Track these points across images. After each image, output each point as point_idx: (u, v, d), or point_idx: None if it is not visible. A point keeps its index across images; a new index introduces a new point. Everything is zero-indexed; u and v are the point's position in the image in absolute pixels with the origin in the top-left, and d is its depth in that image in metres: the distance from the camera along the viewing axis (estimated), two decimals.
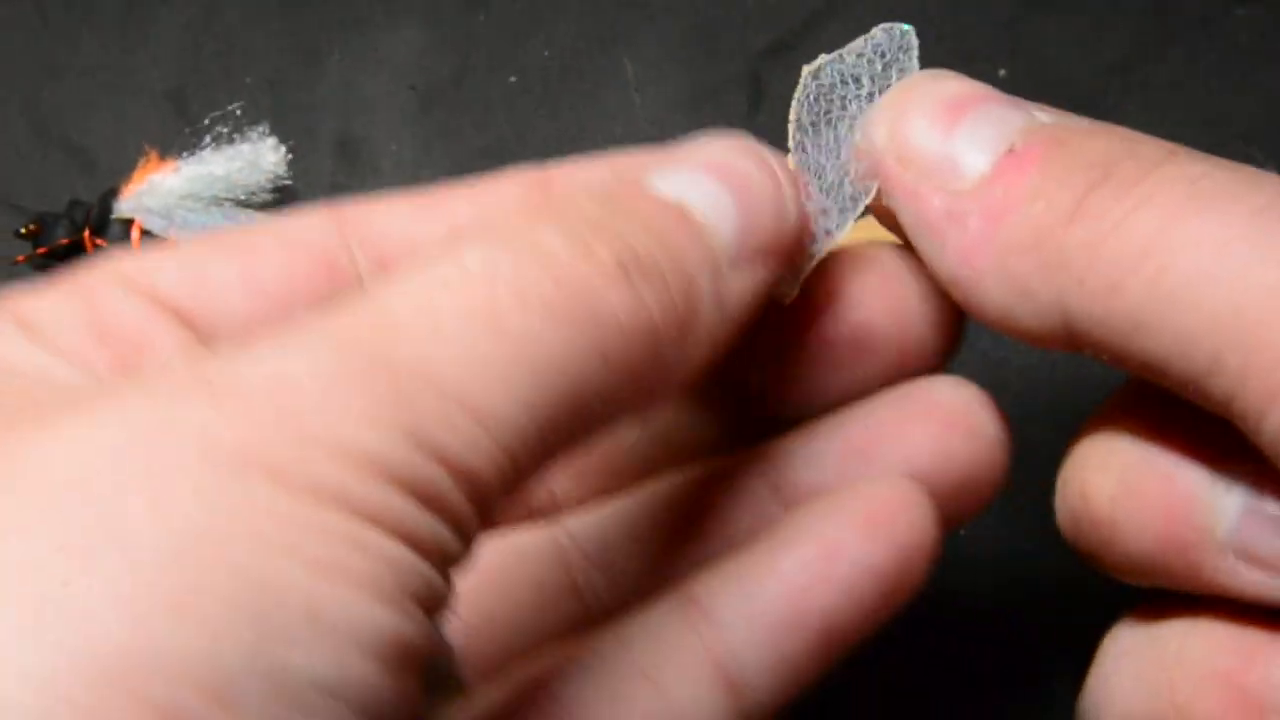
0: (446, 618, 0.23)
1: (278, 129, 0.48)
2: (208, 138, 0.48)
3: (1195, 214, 0.23)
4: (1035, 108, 0.27)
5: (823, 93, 0.29)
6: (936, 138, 0.26)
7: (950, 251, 0.26)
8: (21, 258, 0.47)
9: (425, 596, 0.21)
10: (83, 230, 0.46)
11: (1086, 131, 0.26)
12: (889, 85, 0.28)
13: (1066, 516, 0.27)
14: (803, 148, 0.29)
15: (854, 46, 0.28)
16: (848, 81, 0.29)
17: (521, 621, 0.31)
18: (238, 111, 0.48)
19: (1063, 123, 0.26)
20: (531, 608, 0.31)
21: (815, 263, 0.28)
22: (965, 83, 0.27)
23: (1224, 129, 0.44)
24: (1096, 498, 0.26)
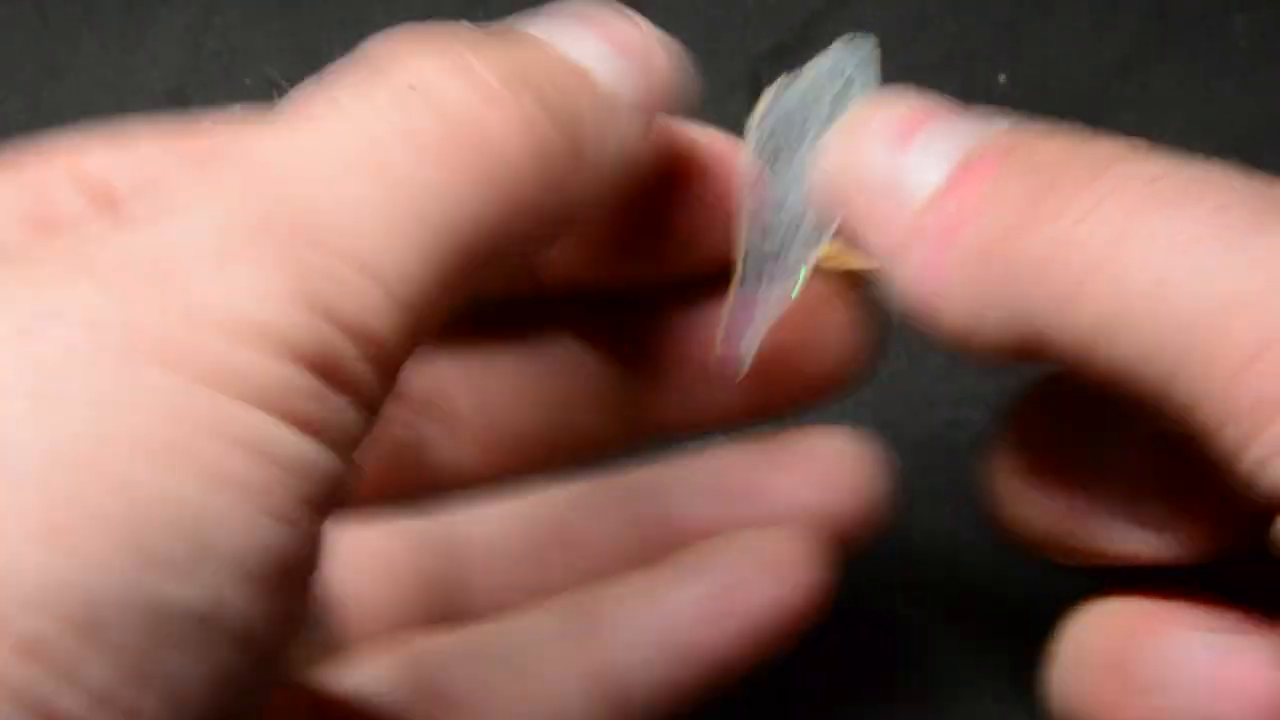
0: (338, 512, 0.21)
1: None
2: None
3: (1152, 214, 0.22)
4: (996, 118, 0.26)
5: (781, 119, 0.28)
6: (890, 158, 0.26)
7: (910, 272, 0.25)
8: None
9: (322, 497, 0.19)
10: None
11: (1041, 135, 0.25)
12: (849, 104, 0.27)
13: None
14: (763, 180, 0.28)
15: (813, 64, 0.28)
16: (808, 103, 0.28)
17: (397, 602, 0.30)
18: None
19: (1020, 129, 0.25)
20: (411, 589, 0.31)
21: (788, 305, 0.28)
22: (920, 100, 0.27)
23: (1224, 131, 0.44)
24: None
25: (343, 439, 0.20)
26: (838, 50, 0.28)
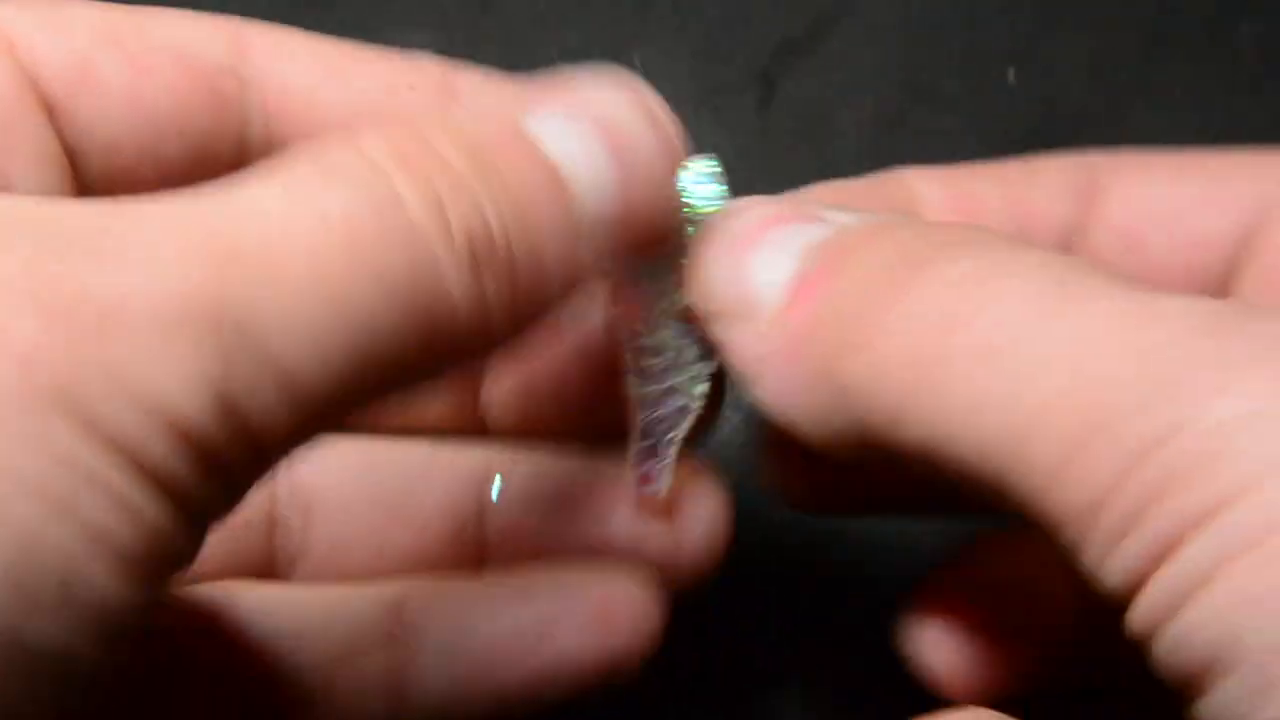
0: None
1: None
2: None
3: (956, 332, 0.22)
4: (830, 209, 0.26)
5: (644, 267, 0.28)
6: (733, 279, 0.26)
7: (764, 392, 0.26)
8: None
9: (174, 563, 0.20)
10: None
11: (866, 237, 0.25)
12: (699, 228, 0.27)
13: None
14: (647, 328, 0.29)
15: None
16: (679, 233, 0.28)
17: (225, 541, 0.30)
18: None
19: (849, 227, 0.26)
20: (228, 539, 0.31)
21: (679, 445, 0.29)
22: (754, 211, 0.27)
23: (1230, 139, 0.44)
24: None
25: (207, 515, 0.21)
26: (691, 168, 0.28)
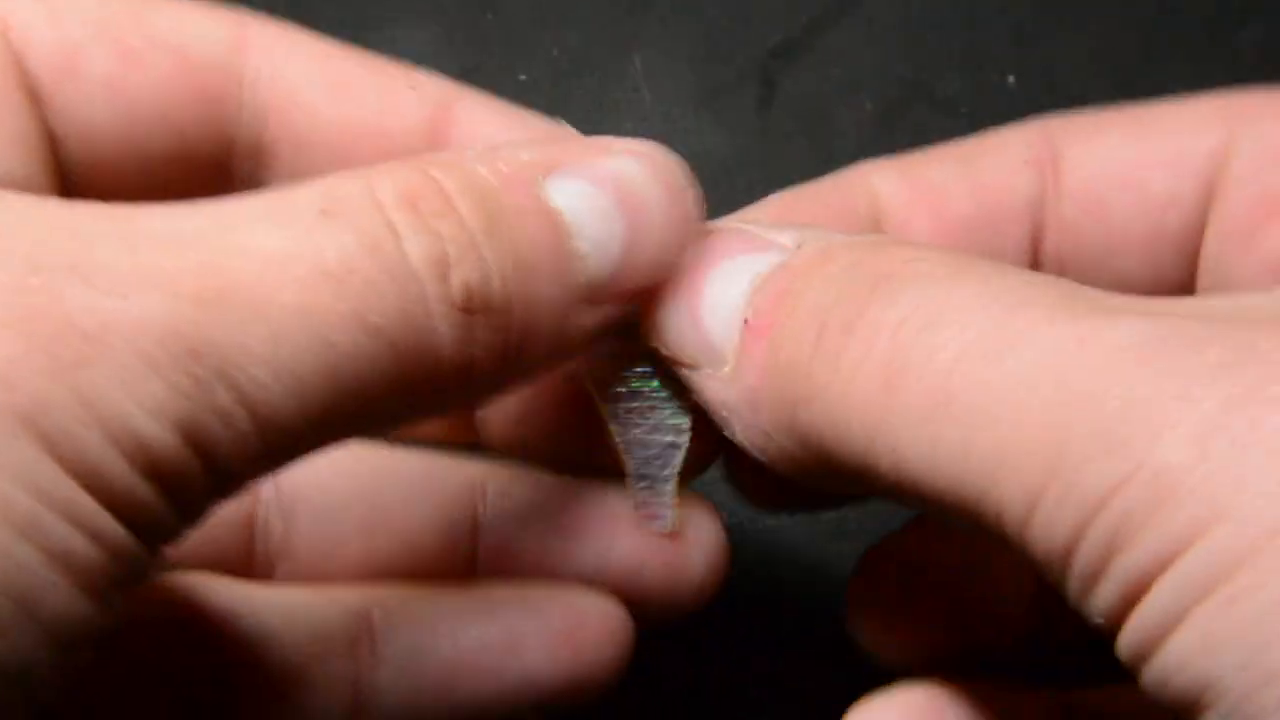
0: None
1: None
2: None
3: (901, 374, 0.22)
4: (778, 230, 0.26)
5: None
6: (688, 327, 0.26)
7: (737, 434, 0.26)
8: None
9: (131, 582, 0.21)
10: None
11: (807, 272, 0.25)
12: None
13: None
14: (617, 377, 0.28)
15: None
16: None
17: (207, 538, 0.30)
18: None
19: (792, 263, 0.25)
20: (210, 534, 0.30)
21: (676, 480, 0.29)
22: (701, 246, 0.26)
23: None
24: None
25: (165, 538, 0.21)
26: None
